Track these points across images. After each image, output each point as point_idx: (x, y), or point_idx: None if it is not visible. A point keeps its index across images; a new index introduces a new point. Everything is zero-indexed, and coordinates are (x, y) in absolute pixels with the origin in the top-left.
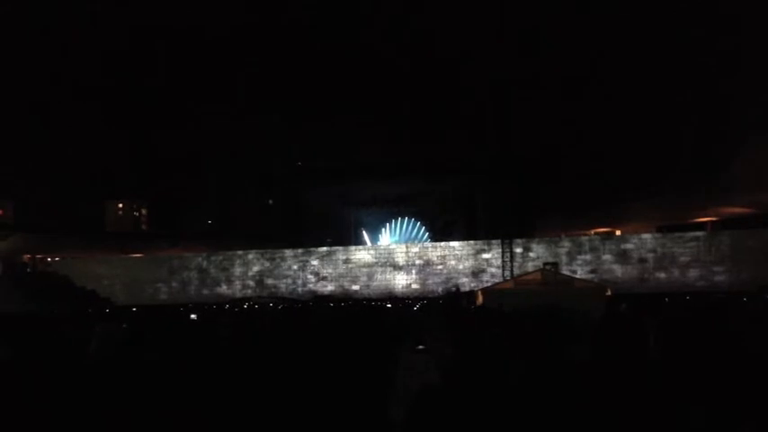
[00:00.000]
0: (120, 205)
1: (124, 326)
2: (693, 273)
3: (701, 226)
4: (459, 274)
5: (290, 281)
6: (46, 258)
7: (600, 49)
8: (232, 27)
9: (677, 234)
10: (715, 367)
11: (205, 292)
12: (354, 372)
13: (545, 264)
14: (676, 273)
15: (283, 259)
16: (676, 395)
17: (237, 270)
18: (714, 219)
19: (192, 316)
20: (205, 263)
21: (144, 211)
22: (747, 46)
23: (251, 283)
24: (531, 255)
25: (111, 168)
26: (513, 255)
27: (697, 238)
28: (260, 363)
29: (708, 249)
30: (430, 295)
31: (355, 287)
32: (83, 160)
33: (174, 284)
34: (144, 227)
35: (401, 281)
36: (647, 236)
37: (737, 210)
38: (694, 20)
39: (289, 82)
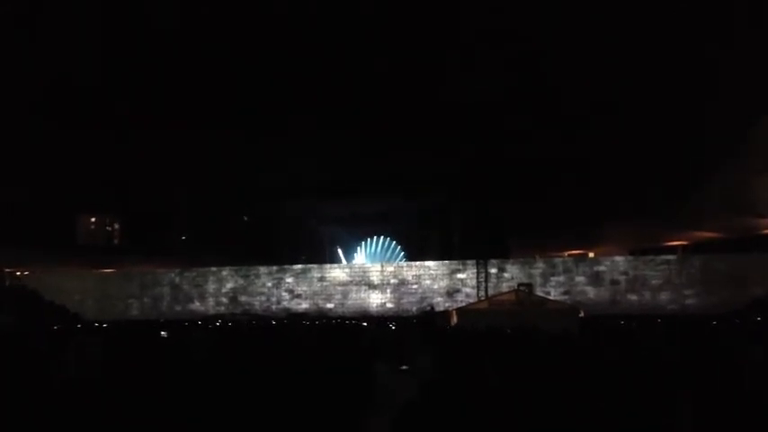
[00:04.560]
0: (93, 219)
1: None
2: (664, 296)
3: (672, 249)
4: (433, 293)
5: (264, 298)
6: (15, 272)
7: (575, 73)
8: (205, 38)
9: (649, 257)
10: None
11: (177, 308)
12: (333, 389)
13: (519, 284)
14: (647, 295)
15: (257, 276)
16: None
17: (211, 287)
18: (685, 243)
19: (163, 333)
20: (178, 279)
21: (117, 226)
22: (720, 72)
23: (224, 300)
24: (506, 275)
25: (83, 181)
26: (487, 275)
27: (668, 262)
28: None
29: (679, 273)
30: (404, 314)
31: (330, 305)
32: (54, 172)
33: (145, 300)
34: (116, 241)
35: (376, 300)
36: (619, 258)
37: (708, 234)
38: (666, 47)
39: (265, 96)
